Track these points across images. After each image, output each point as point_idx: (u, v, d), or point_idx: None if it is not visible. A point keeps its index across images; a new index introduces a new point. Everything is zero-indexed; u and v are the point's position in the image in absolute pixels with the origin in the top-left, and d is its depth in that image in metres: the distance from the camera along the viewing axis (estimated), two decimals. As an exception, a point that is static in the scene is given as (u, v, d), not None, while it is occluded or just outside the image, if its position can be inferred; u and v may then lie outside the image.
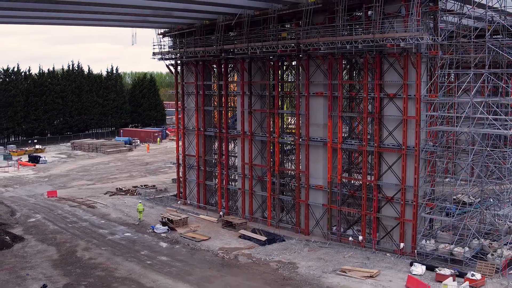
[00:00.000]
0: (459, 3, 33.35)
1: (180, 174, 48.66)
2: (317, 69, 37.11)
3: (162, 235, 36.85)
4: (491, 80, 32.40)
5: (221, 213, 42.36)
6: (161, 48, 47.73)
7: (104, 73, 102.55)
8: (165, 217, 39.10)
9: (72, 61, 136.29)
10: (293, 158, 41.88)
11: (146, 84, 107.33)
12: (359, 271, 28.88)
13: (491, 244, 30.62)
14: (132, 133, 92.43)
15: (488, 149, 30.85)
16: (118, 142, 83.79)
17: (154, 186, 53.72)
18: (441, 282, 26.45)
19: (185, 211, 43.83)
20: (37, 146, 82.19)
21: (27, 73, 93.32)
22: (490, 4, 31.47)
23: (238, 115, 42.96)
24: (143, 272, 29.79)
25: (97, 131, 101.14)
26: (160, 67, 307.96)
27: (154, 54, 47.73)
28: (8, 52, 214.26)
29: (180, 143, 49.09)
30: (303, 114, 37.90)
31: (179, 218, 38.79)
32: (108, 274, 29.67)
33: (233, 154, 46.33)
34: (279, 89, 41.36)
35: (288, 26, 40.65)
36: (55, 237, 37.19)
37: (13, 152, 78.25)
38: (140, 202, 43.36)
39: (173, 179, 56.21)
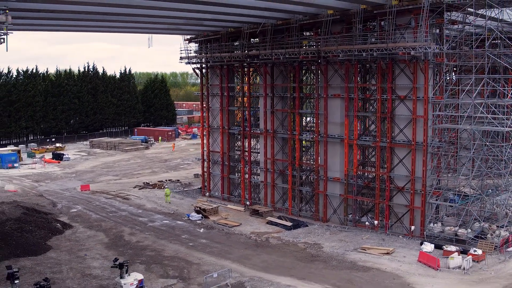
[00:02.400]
0: (462, 14, 37.92)
1: (205, 169, 53.07)
2: (335, 74, 41.50)
3: (197, 222, 41.28)
4: (490, 84, 36.86)
5: (247, 203, 46.74)
6: (187, 52, 52.17)
7: (116, 74, 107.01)
8: (197, 207, 43.50)
9: (88, 63, 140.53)
10: (312, 153, 46.18)
11: (157, 84, 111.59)
12: (377, 249, 33.42)
13: (490, 226, 35.16)
14: (146, 132, 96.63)
15: (487, 143, 35.41)
16: (135, 141, 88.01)
17: (178, 180, 58.03)
18: (448, 257, 30.93)
19: (212, 202, 48.14)
20: (57, 144, 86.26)
21: (45, 74, 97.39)
22: (490, 14, 36.24)
23: (261, 114, 47.30)
24: (188, 251, 34.18)
25: (111, 130, 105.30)
26: (160, 67, 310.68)
27: (181, 58, 52.03)
28: (9, 52, 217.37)
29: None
30: (322, 113, 42.29)
31: (210, 207, 43.20)
32: (157, 254, 34.02)
33: (254, 151, 50.66)
34: (299, 91, 45.72)
35: (308, 34, 45.00)
36: (100, 224, 41.48)
37: (35, 150, 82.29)
38: (167, 187, 48.34)
39: (195, 174, 60.58)
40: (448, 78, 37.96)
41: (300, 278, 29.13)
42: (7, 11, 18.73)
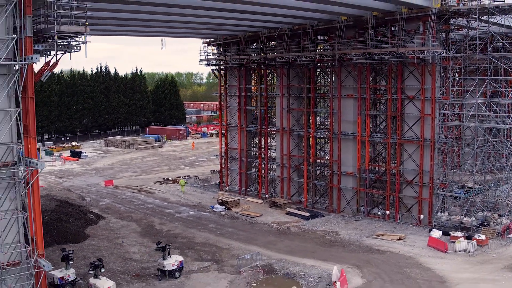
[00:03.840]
0: (467, 20, 41.16)
1: (223, 165, 56.24)
2: (348, 75, 44.71)
3: (222, 213, 44.52)
4: (492, 85, 40.11)
5: (267, 195, 49.98)
6: (205, 55, 55.37)
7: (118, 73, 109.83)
8: (220, 199, 46.73)
9: (100, 63, 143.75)
10: (326, 150, 49.38)
11: (167, 85, 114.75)
12: (390, 235, 36.71)
13: (493, 215, 38.44)
14: (158, 131, 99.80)
15: (490, 139, 38.69)
16: (149, 139, 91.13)
17: (196, 176, 61.22)
18: (455, 241, 34.19)
19: (232, 195, 51.30)
20: (73, 143, 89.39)
21: (60, 74, 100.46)
22: (493, 20, 39.52)
23: (278, 113, 50.46)
24: (217, 238, 37.40)
25: (123, 129, 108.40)
26: (160, 68, 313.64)
27: (200, 60, 55.20)
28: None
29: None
30: (336, 112, 45.51)
31: (232, 199, 46.44)
32: (189, 241, 37.22)
33: (270, 148, 53.85)
34: (314, 92, 48.90)
35: (322, 38, 48.17)
36: (130, 215, 44.67)
37: (52, 148, 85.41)
38: (182, 179, 53.74)
39: (211, 170, 63.80)
40: (453, 80, 41.12)
41: (323, 259, 32.42)
42: (86, 23, 21.84)
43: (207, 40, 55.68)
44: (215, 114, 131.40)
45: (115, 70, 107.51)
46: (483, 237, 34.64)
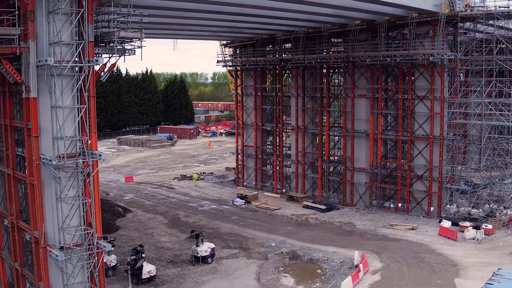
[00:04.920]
0: (474, 24, 43.77)
1: (239, 162, 58.82)
2: (361, 76, 47.31)
3: (242, 206, 47.18)
4: (498, 85, 42.69)
5: (284, 190, 52.61)
6: (223, 56, 58.04)
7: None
8: (240, 194, 49.34)
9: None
10: (339, 147, 51.98)
11: (177, 85, 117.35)
12: (403, 226, 39.37)
13: (498, 207, 41.06)
14: (169, 130, 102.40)
15: (495, 136, 41.34)
16: (161, 138, 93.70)
17: (212, 173, 63.81)
18: (464, 231, 36.80)
19: (249, 190, 53.87)
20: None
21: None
22: (499, 24, 42.15)
23: (293, 111, 53.05)
24: (241, 229, 40.00)
25: (134, 128, 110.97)
26: (162, 68, 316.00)
27: (218, 61, 57.84)
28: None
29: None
30: (349, 111, 48.10)
31: (251, 194, 49.11)
32: (215, 231, 39.81)
33: (285, 145, 56.43)
34: (328, 91, 51.48)
35: (336, 40, 50.72)
36: (155, 209, 47.25)
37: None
38: (195, 173, 57.69)
39: (226, 167, 66.41)
40: (461, 81, 43.71)
41: (342, 246, 35.06)
42: (142, 30, 24.30)
43: (224, 42, 58.36)
44: (222, 114, 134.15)
45: (126, 70, 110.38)
46: (490, 226, 37.28)
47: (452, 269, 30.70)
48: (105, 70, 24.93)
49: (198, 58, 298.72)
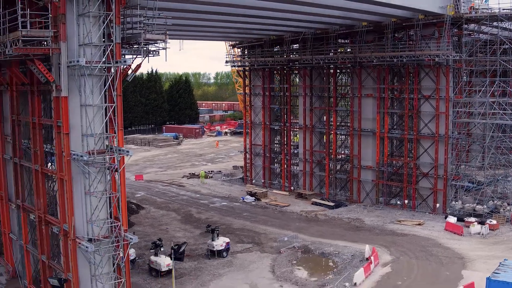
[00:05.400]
0: (478, 26, 44.95)
1: (247, 160, 59.99)
2: (368, 76, 48.51)
3: (252, 203, 48.40)
4: (501, 85, 43.89)
5: (292, 188, 53.82)
6: (230, 57, 59.24)
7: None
8: (249, 191, 50.53)
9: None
10: (346, 145, 53.19)
11: (182, 85, 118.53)
12: (410, 221, 40.59)
13: (502, 203, 42.27)
14: (175, 129, 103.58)
15: (499, 134, 42.55)
16: (167, 137, 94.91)
17: (220, 171, 65.00)
18: (469, 226, 38.00)
19: (258, 188, 55.04)
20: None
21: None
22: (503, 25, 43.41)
23: (300, 111, 54.24)
24: (253, 225, 41.19)
25: (139, 127, 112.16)
26: (165, 68, 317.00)
27: (226, 62, 59.07)
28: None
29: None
30: (356, 111, 49.28)
31: (261, 191, 50.32)
32: (228, 226, 40.97)
33: (292, 144, 57.60)
34: (335, 91, 52.62)
35: (343, 42, 51.91)
36: (167, 206, 48.43)
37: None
38: (202, 170, 59.81)
39: (233, 166, 67.63)
40: (465, 81, 44.91)
41: (352, 241, 36.26)
42: (166, 32, 25.47)
43: (232, 43, 59.57)
44: (226, 114, 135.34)
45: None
46: (494, 222, 38.50)
47: (459, 261, 31.91)
48: (130, 70, 26.10)
49: (198, 58, 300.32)
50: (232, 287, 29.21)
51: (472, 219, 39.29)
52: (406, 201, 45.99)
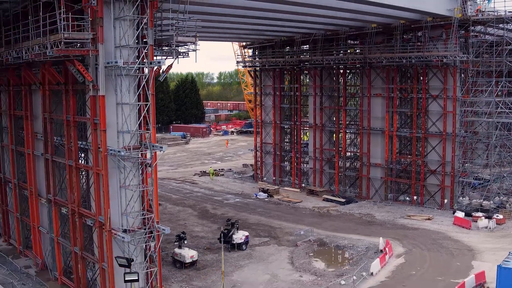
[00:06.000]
0: (484, 27, 46.47)
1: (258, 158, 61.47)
2: (377, 77, 50.02)
3: (265, 199, 49.92)
4: (507, 85, 45.39)
5: (303, 185, 55.35)
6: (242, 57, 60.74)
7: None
8: (262, 188, 52.04)
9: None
10: (356, 143, 54.71)
11: (188, 85, 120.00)
12: (420, 216, 42.16)
13: (508, 199, 43.82)
14: (182, 128, 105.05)
15: (506, 132, 44.11)
16: (175, 136, 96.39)
17: (230, 169, 66.49)
18: (477, 220, 39.54)
19: (270, 185, 56.47)
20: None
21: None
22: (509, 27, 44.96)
23: (310, 110, 55.74)
24: (268, 220, 42.68)
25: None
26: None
27: (237, 62, 60.55)
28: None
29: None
30: (365, 110, 50.79)
31: (273, 188, 51.86)
32: (243, 221, 42.41)
33: (302, 142, 59.07)
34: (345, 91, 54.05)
35: (352, 42, 53.37)
36: (183, 202, 49.90)
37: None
38: (211, 167, 61.36)
39: (243, 164, 69.13)
40: (472, 81, 46.42)
41: (365, 234, 37.79)
42: (196, 34, 26.93)
43: (243, 43, 61.06)
44: (232, 113, 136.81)
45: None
46: (500, 216, 40.04)
47: (468, 253, 33.44)
48: (161, 71, 27.55)
49: (199, 58, 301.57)
50: (255, 277, 30.65)
51: (480, 214, 40.83)
52: (415, 197, 47.53)
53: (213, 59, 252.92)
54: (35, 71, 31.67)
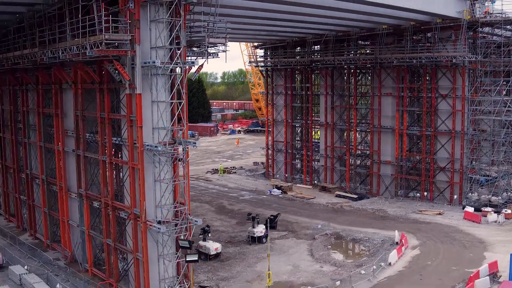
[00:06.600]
0: (492, 29, 48.00)
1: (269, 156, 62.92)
2: (387, 76, 51.50)
3: (279, 196, 51.42)
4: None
5: (314, 182, 56.83)
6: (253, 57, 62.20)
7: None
8: (275, 185, 53.51)
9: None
10: (367, 141, 56.14)
11: (195, 84, 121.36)
12: (431, 211, 43.69)
13: (516, 194, 45.52)
14: (190, 127, 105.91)
15: (513, 131, 45.73)
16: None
17: (241, 167, 67.93)
18: (486, 215, 41.05)
19: (283, 182, 57.84)
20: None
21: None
22: None
23: (322, 109, 57.23)
24: (284, 215, 44.08)
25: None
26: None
27: (250, 62, 62.01)
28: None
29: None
30: (376, 109, 52.27)
31: (286, 185, 53.32)
32: (260, 217, 43.72)
33: (313, 141, 60.57)
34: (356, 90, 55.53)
35: (363, 43, 54.81)
36: (199, 198, 51.33)
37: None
38: (221, 164, 62.88)
39: (254, 162, 70.60)
40: (481, 80, 47.91)
41: (380, 228, 39.31)
42: (227, 36, 28.33)
43: (256, 44, 62.50)
44: (238, 112, 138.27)
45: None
46: (509, 211, 41.57)
47: (480, 245, 34.96)
48: (191, 71, 28.95)
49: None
50: (278, 268, 32.05)
51: (489, 209, 42.34)
52: (425, 193, 49.02)
53: (216, 58, 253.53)
54: (68, 71, 33.02)
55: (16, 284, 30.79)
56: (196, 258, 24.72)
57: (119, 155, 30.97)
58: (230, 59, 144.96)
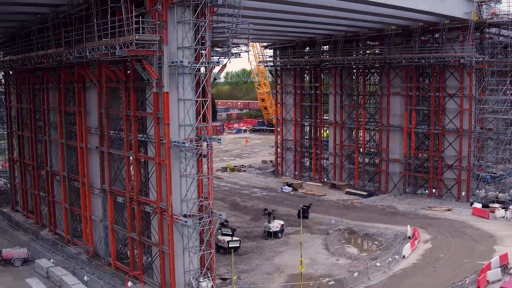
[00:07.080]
0: (499, 29, 49.16)
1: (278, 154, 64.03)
2: (396, 76, 52.65)
3: (291, 193, 52.55)
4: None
5: (323, 179, 57.98)
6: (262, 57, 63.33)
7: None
8: (286, 182, 54.63)
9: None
10: (375, 140, 57.36)
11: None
12: (440, 207, 44.87)
13: (523, 191, 46.70)
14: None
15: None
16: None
17: (250, 165, 69.04)
18: (494, 211, 42.21)
19: (294, 179, 58.92)
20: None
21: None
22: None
23: (330, 108, 58.37)
24: (297, 211, 45.11)
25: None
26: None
27: (260, 62, 63.11)
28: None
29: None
30: (384, 108, 53.41)
31: (297, 182, 54.50)
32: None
33: (322, 139, 61.70)
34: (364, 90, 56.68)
35: (372, 43, 55.94)
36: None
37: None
38: (228, 162, 63.67)
39: (262, 160, 71.75)
40: (488, 80, 49.10)
41: (391, 223, 40.49)
42: (249, 37, 29.45)
43: (265, 44, 63.63)
44: (242, 112, 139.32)
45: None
46: (516, 207, 42.82)
47: (490, 239, 36.13)
48: (215, 70, 30.05)
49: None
50: (295, 261, 32.95)
51: (496, 205, 43.52)
52: (433, 190, 50.19)
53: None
54: (93, 70, 34.02)
55: (43, 277, 31.86)
56: (238, 245, 26.81)
57: (142, 152, 32.03)
58: (233, 59, 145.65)
